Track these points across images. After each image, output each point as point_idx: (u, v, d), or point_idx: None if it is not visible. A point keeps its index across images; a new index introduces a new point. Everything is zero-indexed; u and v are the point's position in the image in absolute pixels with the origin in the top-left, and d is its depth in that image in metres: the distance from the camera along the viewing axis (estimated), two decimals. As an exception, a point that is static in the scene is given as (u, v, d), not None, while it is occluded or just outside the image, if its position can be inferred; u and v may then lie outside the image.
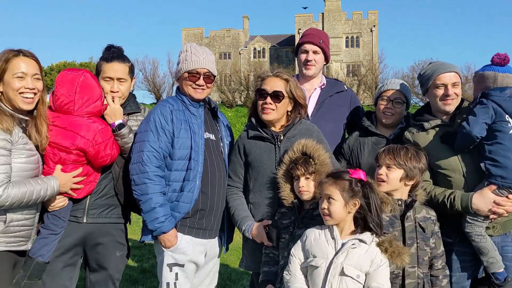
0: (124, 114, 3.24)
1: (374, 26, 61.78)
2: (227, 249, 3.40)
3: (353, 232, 2.57)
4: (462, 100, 3.24)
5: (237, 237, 3.40)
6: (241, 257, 3.31)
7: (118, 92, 3.21)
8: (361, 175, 2.60)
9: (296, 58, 4.01)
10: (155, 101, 52.79)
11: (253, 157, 3.15)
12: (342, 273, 2.44)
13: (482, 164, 2.96)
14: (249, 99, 41.14)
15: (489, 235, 3.02)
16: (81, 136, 2.91)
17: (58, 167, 2.93)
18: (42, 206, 2.95)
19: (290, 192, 2.93)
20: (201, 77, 3.16)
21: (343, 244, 2.51)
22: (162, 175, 3.03)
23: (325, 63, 3.91)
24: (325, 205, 2.54)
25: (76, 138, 2.91)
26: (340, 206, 2.52)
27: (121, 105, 3.29)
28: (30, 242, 2.88)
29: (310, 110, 3.71)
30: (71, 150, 2.92)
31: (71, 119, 2.96)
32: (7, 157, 2.64)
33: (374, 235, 2.54)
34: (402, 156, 2.88)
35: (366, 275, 2.48)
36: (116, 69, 3.21)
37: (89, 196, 3.12)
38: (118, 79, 3.22)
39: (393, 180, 2.87)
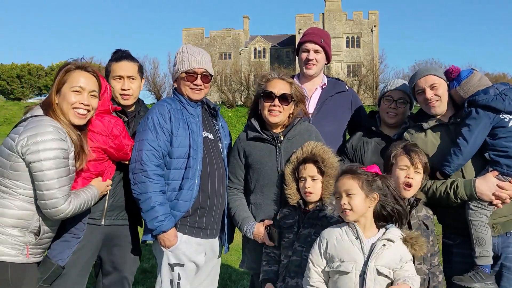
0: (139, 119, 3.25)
1: (374, 26, 61.73)
2: (227, 249, 3.38)
3: (374, 228, 2.53)
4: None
5: (238, 237, 3.39)
6: (242, 258, 3.30)
7: (129, 90, 3.23)
8: (376, 169, 2.58)
9: (297, 58, 4.00)
10: (155, 101, 52.70)
11: (253, 159, 3.13)
12: (378, 274, 2.40)
13: (486, 154, 2.98)
14: (250, 99, 41.00)
15: None
16: (98, 134, 2.90)
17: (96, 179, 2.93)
18: None
19: (296, 192, 2.92)
20: (199, 77, 3.16)
21: (372, 245, 2.44)
22: (161, 174, 3.01)
23: (326, 63, 3.89)
24: (344, 200, 2.47)
25: (94, 137, 2.88)
26: (361, 199, 2.47)
27: (133, 109, 3.30)
28: (45, 252, 2.83)
29: (311, 110, 3.69)
30: (93, 149, 2.88)
31: None
32: (68, 169, 2.61)
33: (400, 230, 2.52)
34: (423, 156, 2.93)
35: (394, 270, 2.45)
36: (125, 67, 3.24)
37: (107, 199, 3.11)
38: (129, 77, 3.23)
39: (419, 183, 2.91)
